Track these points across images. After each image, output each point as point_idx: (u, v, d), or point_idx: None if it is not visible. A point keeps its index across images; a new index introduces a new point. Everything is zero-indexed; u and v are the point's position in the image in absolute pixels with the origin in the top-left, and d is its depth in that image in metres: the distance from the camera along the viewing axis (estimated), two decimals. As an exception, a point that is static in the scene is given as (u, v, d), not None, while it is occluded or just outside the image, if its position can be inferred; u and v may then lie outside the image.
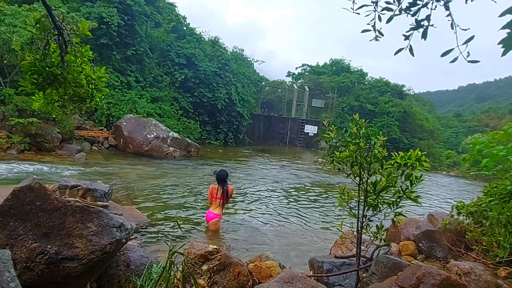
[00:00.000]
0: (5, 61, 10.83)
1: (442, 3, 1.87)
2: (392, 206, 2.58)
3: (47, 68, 2.58)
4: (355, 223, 2.88)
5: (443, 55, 1.82)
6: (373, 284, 2.49)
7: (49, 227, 2.09)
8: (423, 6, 1.93)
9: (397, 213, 2.60)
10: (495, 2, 1.77)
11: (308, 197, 8.40)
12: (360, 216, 2.78)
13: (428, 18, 1.92)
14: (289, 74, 38.53)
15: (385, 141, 2.59)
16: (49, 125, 10.75)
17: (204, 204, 6.32)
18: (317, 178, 12.08)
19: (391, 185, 2.50)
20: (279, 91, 33.51)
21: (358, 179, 2.69)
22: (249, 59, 27.38)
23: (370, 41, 2.22)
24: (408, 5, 1.95)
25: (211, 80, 19.91)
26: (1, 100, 10.72)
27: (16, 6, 11.62)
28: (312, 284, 2.40)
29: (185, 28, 21.68)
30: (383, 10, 2.02)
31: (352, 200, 2.85)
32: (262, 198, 7.61)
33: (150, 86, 17.60)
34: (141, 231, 4.41)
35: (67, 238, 2.10)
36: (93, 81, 2.91)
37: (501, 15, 1.55)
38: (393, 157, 2.57)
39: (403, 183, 2.53)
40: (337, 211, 6.79)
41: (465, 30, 1.81)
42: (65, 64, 2.69)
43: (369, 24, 2.10)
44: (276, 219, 5.96)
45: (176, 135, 13.83)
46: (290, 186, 9.66)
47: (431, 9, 1.91)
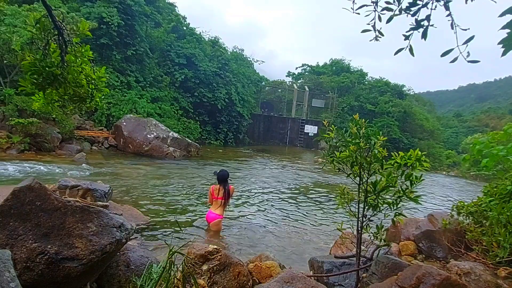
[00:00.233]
0: (5, 61, 10.83)
1: (442, 3, 1.87)
2: (392, 206, 2.58)
3: (47, 68, 2.58)
4: (355, 223, 2.88)
5: (443, 55, 1.82)
6: (373, 284, 2.49)
7: (49, 227, 2.09)
8: (423, 6, 1.93)
9: (397, 213, 2.60)
10: (495, 2, 1.77)
11: (308, 197, 8.40)
12: (360, 216, 2.78)
13: (428, 18, 1.92)
14: (289, 74, 38.58)
15: (385, 141, 2.59)
16: (49, 125, 10.75)
17: (204, 204, 6.32)
18: (317, 178, 12.08)
19: (391, 185, 2.50)
20: (279, 91, 33.52)
21: (358, 179, 2.69)
22: (249, 59, 27.43)
23: (370, 41, 2.22)
24: (408, 5, 1.95)
25: (211, 80, 19.92)
26: (1, 100, 10.72)
27: (16, 6, 11.63)
28: (312, 284, 2.40)
29: (185, 28, 21.69)
30: (383, 10, 2.02)
31: (352, 200, 2.86)
32: (262, 198, 7.61)
33: (150, 86, 17.60)
34: (141, 231, 4.42)
35: (67, 238, 2.10)
36: (93, 81, 2.92)
37: (501, 15, 1.55)
38: (393, 157, 2.57)
39: (403, 183, 2.53)
40: (337, 211, 6.79)
41: (465, 30, 1.81)
42: (65, 64, 2.69)
43: (369, 24, 2.11)
44: (276, 219, 5.96)
45: (176, 135, 13.83)
46: (290, 186, 9.66)
47: (431, 9, 1.91)
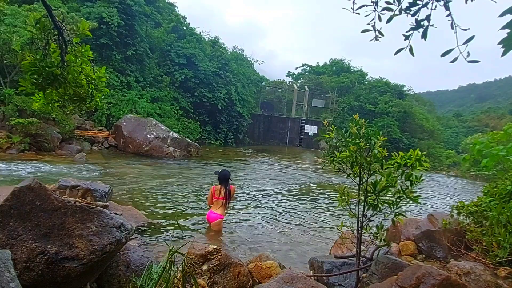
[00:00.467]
0: (5, 61, 10.83)
1: (442, 3, 1.87)
2: (392, 206, 2.58)
3: (47, 68, 2.58)
4: (355, 223, 2.88)
5: (443, 55, 1.82)
6: (373, 284, 2.49)
7: (49, 227, 2.09)
8: (423, 6, 1.93)
9: (397, 213, 2.60)
10: (495, 2, 1.77)
11: (308, 197, 8.40)
12: (360, 216, 2.78)
13: (428, 18, 1.92)
14: (289, 74, 38.56)
15: (385, 141, 2.59)
16: (49, 125, 10.75)
17: (205, 204, 6.32)
18: (317, 178, 12.09)
19: (391, 185, 2.50)
20: (279, 91, 33.51)
21: (358, 179, 2.69)
22: (249, 59, 27.41)
23: (370, 41, 2.22)
24: (408, 5, 1.95)
25: (211, 80, 19.91)
26: (1, 100, 10.72)
27: (16, 6, 11.62)
28: (312, 284, 2.40)
29: (185, 28, 21.68)
30: (383, 10, 2.02)
31: (352, 200, 2.86)
32: (262, 198, 7.61)
33: (150, 86, 17.60)
34: (141, 231, 4.41)
35: (67, 238, 2.10)
36: (93, 81, 2.92)
37: (501, 15, 1.55)
38: (393, 157, 2.57)
39: (403, 183, 2.53)
40: (337, 211, 6.79)
41: (465, 30, 1.81)
42: (65, 64, 2.69)
43: (369, 24, 2.11)
44: (276, 219, 5.96)
45: (176, 135, 13.82)
46: (290, 186, 9.66)
47: (431, 9, 1.91)
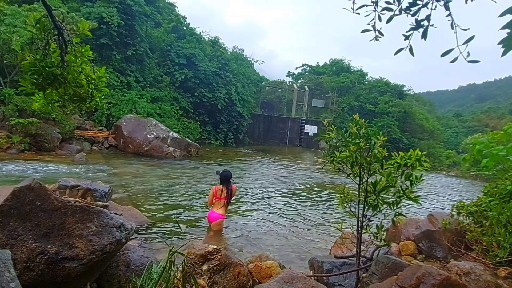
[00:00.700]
0: (5, 61, 10.83)
1: (442, 3, 1.87)
2: (392, 206, 2.58)
3: (47, 68, 2.58)
4: (355, 223, 2.88)
5: (443, 55, 1.82)
6: (373, 284, 2.49)
7: (49, 227, 2.09)
8: (423, 6, 1.93)
9: (397, 213, 2.60)
10: (495, 2, 1.77)
11: (308, 197, 8.40)
12: (360, 216, 2.78)
13: (428, 18, 1.92)
14: (289, 74, 38.57)
15: (385, 141, 2.59)
16: (49, 125, 10.75)
17: (204, 204, 6.32)
18: (317, 178, 12.08)
19: (391, 185, 2.50)
20: (279, 91, 33.51)
21: (358, 179, 2.69)
22: (249, 59, 27.42)
23: (370, 41, 2.22)
24: (408, 5, 1.95)
25: (211, 80, 19.91)
26: (1, 100, 10.72)
27: (16, 6, 11.62)
28: (312, 284, 2.40)
29: (185, 28, 21.68)
30: (383, 10, 2.02)
31: (352, 200, 2.86)
32: (262, 198, 7.61)
33: (150, 86, 17.60)
34: (141, 231, 4.41)
35: (67, 238, 2.10)
36: (93, 81, 2.92)
37: (501, 15, 1.55)
38: (393, 157, 2.57)
39: (403, 183, 2.53)
40: (337, 211, 6.79)
41: (465, 30, 1.81)
42: (65, 64, 2.69)
43: (369, 24, 2.10)
44: (276, 219, 5.96)
45: (176, 135, 13.82)
46: (290, 186, 9.66)
47: (431, 9, 1.91)
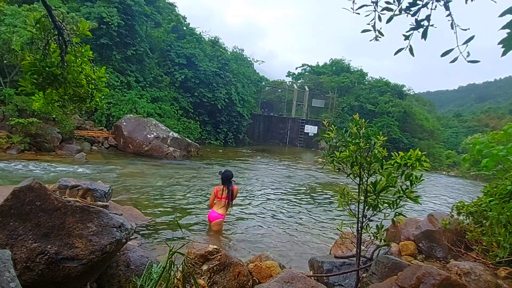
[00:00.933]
0: (5, 61, 10.83)
1: (442, 3, 1.87)
2: (392, 206, 2.58)
3: (47, 68, 2.58)
4: (355, 223, 2.88)
5: (443, 55, 1.82)
6: (373, 284, 2.49)
7: (49, 227, 2.09)
8: (423, 6, 1.93)
9: (397, 213, 2.60)
10: (495, 2, 1.77)
11: (308, 196, 8.40)
12: (360, 216, 2.78)
13: (428, 18, 1.92)
14: (289, 74, 38.57)
15: (385, 141, 2.59)
16: (49, 125, 10.75)
17: (205, 204, 6.32)
18: (317, 178, 12.08)
19: (391, 185, 2.50)
20: (279, 91, 33.51)
21: (358, 179, 2.69)
22: (249, 59, 27.43)
23: (370, 41, 2.22)
24: (408, 5, 1.95)
25: (211, 80, 19.91)
26: (1, 100, 10.73)
27: (16, 6, 11.63)
28: (312, 284, 2.39)
29: (185, 28, 21.69)
30: (383, 10, 2.02)
31: (352, 200, 2.85)
32: (262, 198, 7.61)
33: (150, 86, 17.60)
34: (141, 231, 4.41)
35: (67, 238, 2.10)
36: (93, 81, 2.92)
37: (501, 15, 1.55)
38: (393, 157, 2.57)
39: (403, 183, 2.53)
40: (337, 211, 6.79)
41: (465, 30, 1.81)
42: (65, 64, 2.69)
43: (369, 24, 2.10)
44: (276, 219, 5.96)
45: (176, 135, 13.82)
46: (290, 186, 9.66)
47: (431, 9, 1.91)
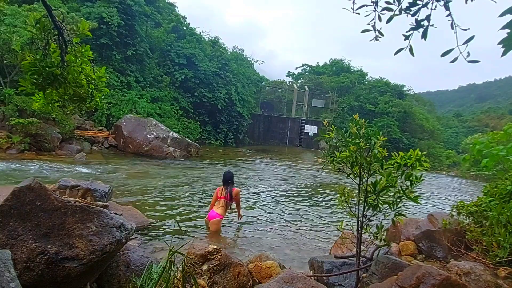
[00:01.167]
0: (5, 61, 10.83)
1: (442, 3, 1.87)
2: (392, 206, 2.58)
3: (47, 68, 2.58)
4: (355, 223, 2.88)
5: (443, 55, 1.82)
6: (373, 284, 2.49)
7: (49, 227, 2.09)
8: (423, 6, 1.93)
9: (397, 213, 2.60)
10: (495, 2, 1.77)
11: (308, 196, 8.40)
12: (360, 216, 2.78)
13: (428, 18, 1.92)
14: (289, 74, 38.57)
15: (385, 141, 2.59)
16: (49, 125, 10.75)
17: (204, 204, 6.33)
18: (317, 178, 12.08)
19: (391, 185, 2.50)
20: (279, 91, 33.51)
21: (358, 179, 2.69)
22: (249, 59, 27.42)
23: (370, 41, 2.22)
24: (408, 5, 1.95)
25: (211, 80, 19.91)
26: (1, 100, 10.72)
27: (16, 6, 11.62)
28: (312, 284, 2.39)
29: (185, 28, 21.68)
30: (383, 10, 2.03)
31: (352, 200, 2.86)
32: (262, 198, 7.61)
33: (150, 86, 17.60)
34: (141, 231, 4.41)
35: (67, 238, 2.10)
36: (93, 81, 2.92)
37: (501, 15, 1.55)
38: (393, 157, 2.57)
39: (403, 183, 2.53)
40: (337, 211, 6.79)
41: (465, 30, 1.81)
42: (65, 64, 2.69)
43: (369, 24, 2.11)
44: (276, 219, 5.96)
45: (176, 135, 13.82)
46: (290, 186, 9.66)
47: (431, 9, 1.91)
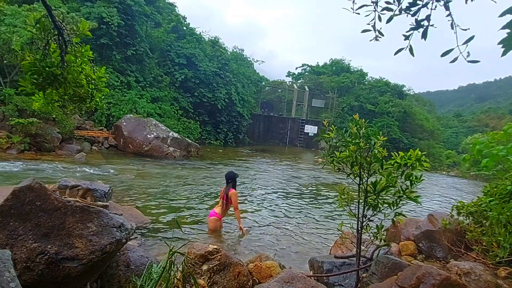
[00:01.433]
0: (5, 61, 10.83)
1: (442, 3, 1.87)
2: (392, 206, 2.58)
3: (47, 68, 2.58)
4: (355, 223, 2.88)
5: (443, 55, 1.82)
6: (373, 284, 2.49)
7: (49, 227, 2.09)
8: (423, 6, 1.93)
9: (397, 213, 2.60)
10: (495, 2, 1.77)
11: (309, 196, 8.40)
12: (360, 216, 2.78)
13: (428, 18, 1.92)
14: (289, 74, 38.56)
15: (385, 141, 2.59)
16: (49, 125, 10.75)
17: (204, 204, 6.33)
18: (317, 178, 12.08)
19: (391, 185, 2.50)
20: (279, 91, 33.50)
21: (358, 179, 2.69)
22: (249, 59, 27.42)
23: (370, 41, 2.22)
24: (408, 5, 1.95)
25: (211, 80, 19.91)
26: (1, 100, 10.73)
27: (16, 6, 11.63)
28: (312, 284, 2.40)
29: (185, 28, 21.68)
30: (383, 10, 2.03)
31: (352, 200, 2.86)
32: (262, 198, 7.60)
33: (150, 86, 17.60)
34: (141, 231, 4.42)
35: (67, 238, 2.10)
36: (93, 81, 2.92)
37: (501, 15, 1.55)
38: (393, 157, 2.57)
39: (403, 183, 2.53)
40: (337, 211, 6.79)
41: (465, 30, 1.81)
42: (65, 64, 2.69)
43: (369, 24, 2.11)
44: (276, 219, 5.96)
45: (176, 135, 13.82)
46: (290, 186, 9.66)
47: (431, 9, 1.91)
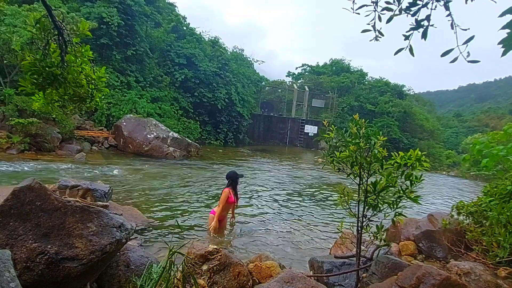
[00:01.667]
0: (5, 61, 10.83)
1: (442, 3, 1.87)
2: (392, 206, 2.58)
3: (47, 68, 2.58)
4: (355, 223, 2.88)
5: (443, 55, 1.82)
6: (373, 284, 2.49)
7: (49, 227, 2.09)
8: (423, 6, 1.93)
9: (397, 213, 2.60)
10: (495, 2, 1.77)
11: (308, 196, 8.40)
12: (360, 216, 2.78)
13: (428, 18, 1.92)
14: (289, 74, 38.54)
15: (385, 141, 2.59)
16: (49, 125, 10.75)
17: (204, 204, 6.33)
18: (317, 178, 12.08)
19: (391, 185, 2.50)
20: (279, 91, 33.50)
21: (358, 179, 2.69)
22: (249, 59, 27.41)
23: (370, 41, 2.22)
24: (408, 5, 1.95)
25: (211, 80, 19.91)
26: (1, 100, 10.72)
27: (16, 6, 11.63)
28: (312, 284, 2.40)
29: (185, 28, 21.68)
30: (383, 10, 2.03)
31: (352, 200, 2.86)
32: (262, 198, 7.60)
33: (150, 86, 17.60)
34: (141, 231, 4.41)
35: (67, 238, 2.10)
36: (93, 81, 2.92)
37: (501, 15, 1.55)
38: (393, 157, 2.57)
39: (403, 183, 2.53)
40: (337, 211, 6.79)
41: (465, 30, 1.81)
42: (65, 64, 2.69)
43: (369, 24, 2.11)
44: (276, 219, 5.96)
45: (176, 135, 13.82)
46: (290, 186, 9.66)
47: (431, 9, 1.91)
